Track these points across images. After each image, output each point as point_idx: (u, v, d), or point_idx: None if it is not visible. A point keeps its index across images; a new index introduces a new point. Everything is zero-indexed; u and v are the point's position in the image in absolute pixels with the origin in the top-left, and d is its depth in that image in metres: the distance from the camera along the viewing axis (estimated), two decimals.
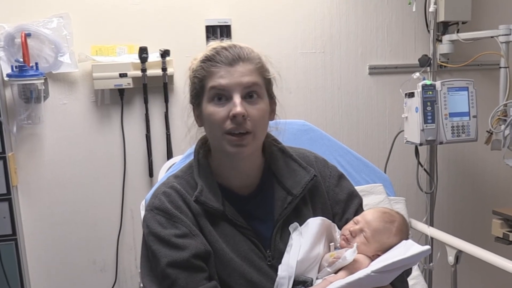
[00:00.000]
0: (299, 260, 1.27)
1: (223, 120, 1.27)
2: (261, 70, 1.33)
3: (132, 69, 2.47)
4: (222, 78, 1.28)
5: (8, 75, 2.29)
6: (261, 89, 1.32)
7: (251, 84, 1.29)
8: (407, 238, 1.38)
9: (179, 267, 1.25)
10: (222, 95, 1.28)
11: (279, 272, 1.28)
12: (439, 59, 2.81)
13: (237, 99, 1.26)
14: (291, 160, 1.44)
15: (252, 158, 1.37)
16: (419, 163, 2.59)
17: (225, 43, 1.34)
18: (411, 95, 2.39)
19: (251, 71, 1.30)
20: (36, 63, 2.32)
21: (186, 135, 1.47)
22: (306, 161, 1.46)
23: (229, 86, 1.27)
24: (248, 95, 1.29)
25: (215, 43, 1.35)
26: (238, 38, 2.58)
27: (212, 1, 2.60)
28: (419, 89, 2.33)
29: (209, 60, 1.31)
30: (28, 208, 2.51)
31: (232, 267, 1.29)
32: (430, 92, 2.34)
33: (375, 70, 2.88)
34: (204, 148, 1.43)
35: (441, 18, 2.73)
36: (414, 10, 2.67)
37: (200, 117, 1.37)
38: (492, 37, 2.51)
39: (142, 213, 1.96)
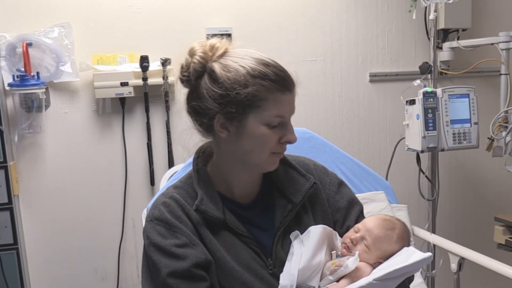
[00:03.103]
0: (300, 269, 1.26)
1: (275, 143, 1.30)
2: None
3: (133, 78, 2.48)
4: (285, 105, 1.29)
5: (9, 85, 2.30)
6: None
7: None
8: (408, 245, 1.37)
9: (180, 277, 1.24)
10: (282, 122, 1.30)
11: (280, 281, 1.27)
12: (440, 66, 2.82)
13: (291, 126, 1.31)
14: (290, 168, 1.44)
15: None
16: (420, 170, 2.59)
17: (275, 64, 1.31)
18: (412, 102, 2.39)
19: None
20: (38, 73, 2.32)
21: (188, 140, 1.42)
22: (306, 168, 1.46)
23: (288, 114, 1.31)
24: None
25: (265, 58, 1.30)
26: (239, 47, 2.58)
27: (213, 9, 2.61)
28: (420, 96, 2.33)
29: (274, 82, 1.27)
30: (29, 217, 2.50)
31: (233, 276, 1.28)
32: (431, 99, 2.34)
33: (375, 78, 2.88)
34: (202, 158, 1.42)
35: (441, 25, 2.74)
36: (414, 17, 2.67)
37: (238, 129, 1.28)
38: (492, 44, 2.51)
39: (144, 221, 1.96)
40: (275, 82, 1.26)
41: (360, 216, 1.45)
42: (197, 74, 1.29)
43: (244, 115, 1.26)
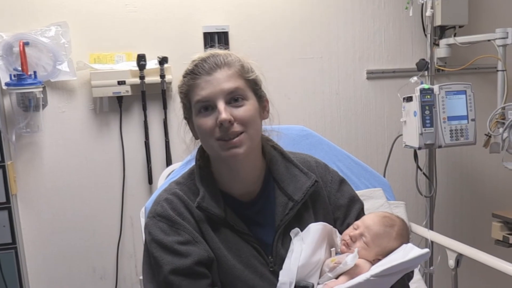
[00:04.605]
0: (300, 266, 1.26)
1: (212, 128, 1.28)
2: (241, 72, 1.32)
3: (130, 76, 2.47)
4: (203, 89, 1.29)
5: (6, 84, 2.30)
6: (244, 91, 1.31)
7: (233, 89, 1.29)
8: (407, 242, 1.38)
9: (182, 274, 1.25)
10: (208, 106, 1.29)
11: (280, 278, 1.28)
12: (437, 63, 2.83)
13: (221, 106, 1.26)
14: (292, 165, 1.43)
15: (251, 162, 1.37)
16: (418, 167, 2.60)
17: (205, 53, 1.35)
18: (409, 99, 2.40)
19: (230, 76, 1.30)
20: (35, 72, 2.32)
21: (185, 151, 1.49)
22: (307, 166, 1.45)
23: (211, 96, 1.28)
24: (233, 99, 1.29)
25: (196, 56, 1.35)
26: (236, 45, 2.59)
27: (210, 7, 2.61)
28: (417, 93, 2.34)
29: (189, 74, 1.32)
30: (27, 217, 2.50)
31: (234, 273, 1.29)
32: (428, 96, 2.34)
33: (373, 75, 2.88)
34: (204, 157, 1.42)
35: (438, 22, 2.75)
36: (411, 14, 2.68)
37: (194, 130, 1.39)
38: (489, 40, 2.52)
39: (142, 220, 1.96)
40: (191, 73, 1.32)
41: (360, 214, 1.46)
42: None
43: (190, 113, 1.35)
